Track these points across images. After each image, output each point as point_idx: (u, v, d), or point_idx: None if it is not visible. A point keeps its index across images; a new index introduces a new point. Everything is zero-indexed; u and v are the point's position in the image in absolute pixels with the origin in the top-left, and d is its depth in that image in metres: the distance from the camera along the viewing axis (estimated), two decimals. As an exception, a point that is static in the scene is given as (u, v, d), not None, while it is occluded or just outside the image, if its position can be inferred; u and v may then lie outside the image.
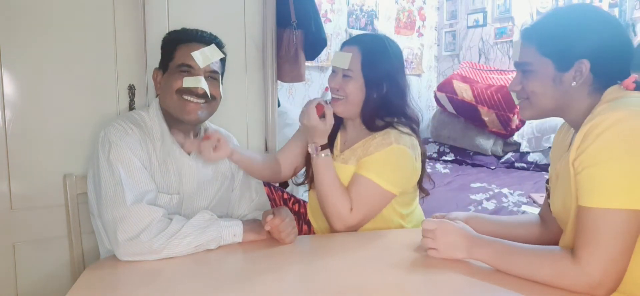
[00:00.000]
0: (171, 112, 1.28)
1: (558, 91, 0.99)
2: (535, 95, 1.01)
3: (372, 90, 1.41)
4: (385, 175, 1.35)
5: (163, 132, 1.29)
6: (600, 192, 0.86)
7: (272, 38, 1.87)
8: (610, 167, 0.85)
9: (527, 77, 1.02)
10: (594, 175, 0.87)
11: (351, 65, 1.40)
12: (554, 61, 0.98)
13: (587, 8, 1.03)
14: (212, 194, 1.37)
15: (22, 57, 1.41)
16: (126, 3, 1.55)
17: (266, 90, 1.88)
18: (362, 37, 1.50)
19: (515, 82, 1.06)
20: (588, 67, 0.95)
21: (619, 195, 0.84)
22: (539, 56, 0.99)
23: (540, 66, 0.99)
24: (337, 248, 1.22)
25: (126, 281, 1.05)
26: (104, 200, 1.16)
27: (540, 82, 1.00)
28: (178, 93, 1.26)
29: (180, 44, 1.28)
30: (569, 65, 0.96)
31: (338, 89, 1.42)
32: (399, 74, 1.44)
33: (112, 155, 1.17)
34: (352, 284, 1.00)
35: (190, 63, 1.26)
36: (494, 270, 1.01)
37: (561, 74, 0.98)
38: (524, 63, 1.02)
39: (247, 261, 1.17)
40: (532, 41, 1.01)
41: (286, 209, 1.28)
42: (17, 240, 1.44)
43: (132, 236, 1.11)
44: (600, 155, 0.86)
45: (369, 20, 4.11)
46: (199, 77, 1.25)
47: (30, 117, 1.43)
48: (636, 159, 0.83)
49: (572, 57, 0.96)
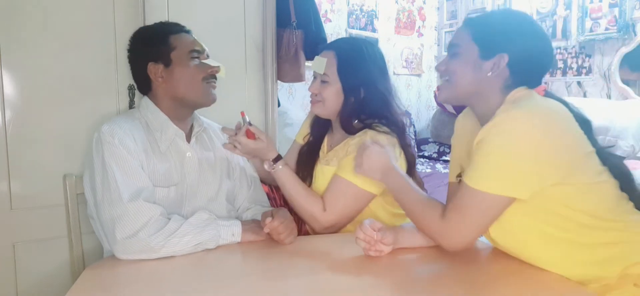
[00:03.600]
0: (192, 99, 1.31)
1: (475, 76, 1.08)
2: (455, 75, 1.10)
3: (349, 95, 1.41)
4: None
5: (162, 123, 1.30)
6: (478, 175, 1.00)
7: (272, 38, 1.87)
8: (487, 157, 0.99)
9: (452, 58, 1.11)
10: (476, 160, 1.01)
11: (327, 70, 1.41)
12: (480, 48, 1.07)
13: (525, 16, 1.16)
14: (216, 183, 1.37)
15: (22, 57, 1.41)
16: (126, 3, 1.55)
17: (266, 90, 1.88)
18: (339, 41, 1.51)
19: (442, 62, 1.15)
20: (505, 62, 1.05)
21: (487, 181, 0.99)
22: (469, 40, 1.09)
23: (467, 49, 1.09)
24: (336, 249, 1.22)
25: (126, 281, 1.05)
26: (101, 200, 1.16)
27: (463, 64, 1.09)
28: (204, 80, 1.30)
29: (170, 35, 1.30)
30: (491, 55, 1.06)
31: (316, 94, 1.44)
32: (378, 79, 1.43)
33: (106, 155, 1.18)
34: (352, 284, 1.00)
35: (198, 48, 1.31)
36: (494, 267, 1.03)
37: (482, 62, 1.07)
38: (455, 45, 1.11)
39: (247, 261, 1.17)
40: (468, 27, 1.11)
41: (285, 210, 1.28)
42: (17, 240, 1.44)
43: (130, 234, 1.11)
44: (486, 145, 0.99)
45: (369, 20, 4.11)
46: (211, 59, 1.33)
47: (30, 117, 1.43)
48: (506, 153, 0.97)
49: (495, 49, 1.05)
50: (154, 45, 1.30)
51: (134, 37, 1.35)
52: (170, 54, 1.28)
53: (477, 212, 1.01)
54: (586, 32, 3.52)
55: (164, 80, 1.29)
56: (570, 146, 0.99)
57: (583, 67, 3.58)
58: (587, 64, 3.56)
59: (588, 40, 3.52)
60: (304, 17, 2.05)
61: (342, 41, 1.54)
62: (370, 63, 1.42)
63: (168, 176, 1.27)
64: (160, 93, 1.31)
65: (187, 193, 1.31)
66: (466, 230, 1.02)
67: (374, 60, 1.44)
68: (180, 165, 1.31)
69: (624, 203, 1.04)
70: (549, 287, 0.98)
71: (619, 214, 1.02)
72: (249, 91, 1.85)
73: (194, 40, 1.33)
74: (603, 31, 3.43)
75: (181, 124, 1.33)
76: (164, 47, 1.29)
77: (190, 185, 1.31)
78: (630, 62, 3.34)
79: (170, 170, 1.28)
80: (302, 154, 1.59)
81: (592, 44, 3.52)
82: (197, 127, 1.39)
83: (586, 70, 3.57)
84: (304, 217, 1.40)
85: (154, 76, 1.29)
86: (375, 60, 1.45)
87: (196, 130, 1.38)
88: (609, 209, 1.02)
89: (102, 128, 1.22)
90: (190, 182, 1.31)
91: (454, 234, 1.03)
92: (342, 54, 1.42)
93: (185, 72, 1.28)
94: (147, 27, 1.39)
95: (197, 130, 1.38)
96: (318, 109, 1.46)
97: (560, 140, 0.98)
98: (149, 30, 1.35)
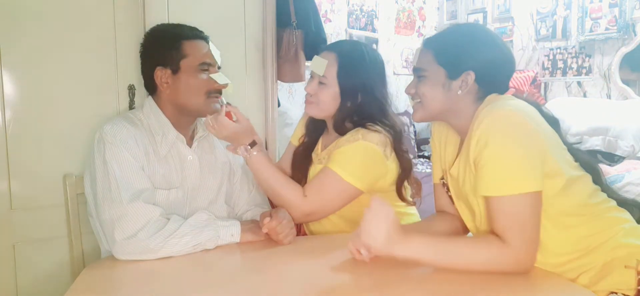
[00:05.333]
0: (194, 110, 1.30)
1: (446, 96, 1.11)
2: (426, 98, 1.13)
3: (346, 99, 1.39)
4: (348, 168, 1.32)
5: (163, 126, 1.29)
6: (503, 182, 0.98)
7: (272, 38, 1.87)
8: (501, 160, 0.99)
9: (421, 81, 1.14)
10: (494, 169, 0.99)
11: (326, 72, 1.38)
12: (446, 69, 1.11)
13: (481, 28, 1.23)
14: (216, 187, 1.37)
15: (22, 57, 1.41)
16: (126, 3, 1.55)
17: (266, 90, 1.88)
18: (342, 43, 1.48)
19: (410, 85, 1.17)
20: (473, 78, 1.09)
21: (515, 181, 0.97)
22: (435, 63, 1.12)
23: (433, 73, 1.12)
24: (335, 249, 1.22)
25: (124, 281, 1.05)
26: (101, 200, 1.16)
27: (431, 86, 1.12)
28: (207, 94, 1.28)
29: (182, 40, 1.28)
30: (458, 75, 1.10)
31: (312, 95, 1.41)
32: (376, 85, 1.40)
33: (108, 155, 1.18)
34: (351, 284, 1.00)
35: (209, 61, 1.29)
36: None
37: (450, 82, 1.10)
38: (421, 68, 1.14)
39: (246, 261, 1.17)
40: (430, 49, 1.14)
41: (284, 210, 1.28)
42: (17, 240, 1.44)
43: (129, 235, 1.11)
44: (493, 151, 0.99)
45: (369, 20, 4.12)
46: (221, 74, 1.30)
47: (30, 117, 1.43)
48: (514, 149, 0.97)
49: (460, 68, 1.09)
50: (165, 49, 1.27)
51: (148, 35, 1.33)
52: (180, 62, 1.27)
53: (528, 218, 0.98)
54: (586, 32, 3.53)
55: (169, 86, 1.28)
56: (549, 137, 1.04)
57: (583, 67, 3.58)
58: (587, 64, 3.56)
59: (588, 40, 3.52)
60: (304, 17, 2.05)
61: (344, 43, 1.51)
62: (370, 69, 1.40)
63: (169, 178, 1.27)
64: (164, 98, 1.30)
65: (187, 196, 1.31)
66: (531, 244, 0.99)
67: (374, 67, 1.42)
68: (181, 168, 1.30)
69: (599, 193, 1.09)
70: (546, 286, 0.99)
71: (598, 204, 1.07)
72: (249, 91, 1.85)
73: (207, 51, 1.30)
74: (603, 31, 3.43)
75: (183, 129, 1.33)
76: (175, 53, 1.27)
77: (191, 188, 1.31)
78: (630, 62, 3.34)
79: (171, 172, 1.28)
80: (297, 155, 1.56)
81: (592, 44, 3.52)
82: (200, 131, 1.39)
83: (586, 70, 3.57)
84: (281, 204, 1.34)
85: (159, 81, 1.28)
86: (375, 66, 1.43)
87: (199, 134, 1.38)
88: (590, 200, 1.06)
89: (104, 128, 1.21)
90: (191, 185, 1.31)
91: (520, 251, 0.98)
92: (343, 58, 1.39)
93: (191, 83, 1.27)
94: (162, 28, 1.36)
95: (199, 134, 1.38)
96: (312, 110, 1.43)
97: (539, 132, 1.02)
98: (163, 32, 1.33)
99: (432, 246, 1.02)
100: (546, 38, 3.80)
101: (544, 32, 3.82)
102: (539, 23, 3.86)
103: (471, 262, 1.00)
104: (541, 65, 3.84)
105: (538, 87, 3.85)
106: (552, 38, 3.76)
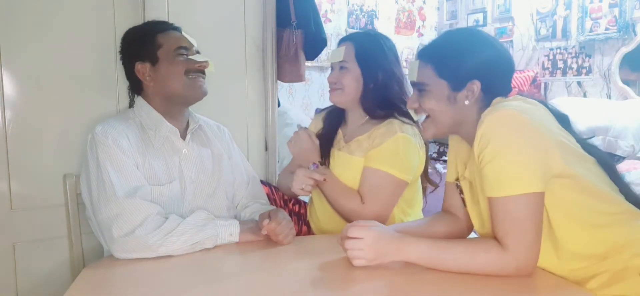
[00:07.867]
0: (179, 95, 1.30)
1: (452, 109, 1.09)
2: (435, 113, 1.11)
3: (368, 79, 1.46)
4: (395, 164, 1.38)
5: (155, 121, 1.30)
6: (503, 182, 0.96)
7: (272, 38, 1.87)
8: (502, 160, 0.96)
9: (423, 95, 1.11)
10: (494, 169, 0.97)
11: (346, 57, 1.46)
12: (449, 82, 1.08)
13: (474, 32, 1.18)
14: (214, 180, 1.37)
15: (22, 57, 1.41)
16: (126, 3, 1.55)
17: (266, 90, 1.88)
18: (355, 33, 1.59)
19: (412, 99, 1.15)
20: (479, 87, 1.06)
21: (515, 182, 0.95)
22: (436, 77, 1.09)
23: (436, 86, 1.09)
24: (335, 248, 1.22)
25: (124, 281, 1.05)
26: (97, 200, 1.16)
27: (436, 100, 1.10)
28: (186, 74, 1.29)
29: (156, 34, 1.31)
30: (462, 86, 1.07)
31: (335, 82, 1.48)
32: (393, 64, 1.49)
33: (101, 155, 1.18)
34: (351, 284, 1.00)
35: (185, 45, 1.31)
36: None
37: (455, 94, 1.08)
38: (421, 83, 1.11)
39: (245, 261, 1.17)
40: (428, 62, 1.10)
41: (283, 211, 1.28)
42: (17, 240, 1.44)
43: (127, 232, 1.11)
44: (494, 151, 0.97)
45: (369, 20, 4.12)
46: (200, 54, 1.32)
47: (30, 117, 1.43)
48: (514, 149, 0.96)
49: (464, 79, 1.07)
50: (141, 45, 1.31)
51: (123, 38, 1.36)
52: (157, 52, 1.29)
53: (529, 220, 0.96)
54: (586, 32, 3.52)
55: (152, 79, 1.30)
56: (556, 136, 1.01)
57: (583, 67, 3.58)
58: (587, 64, 3.56)
59: (588, 40, 3.52)
60: (304, 17, 2.05)
61: (357, 33, 1.63)
62: (385, 49, 1.49)
63: (165, 173, 1.27)
64: (151, 92, 1.32)
65: (185, 190, 1.31)
66: (532, 247, 0.97)
67: (389, 48, 1.51)
68: (176, 162, 1.31)
69: (616, 195, 1.04)
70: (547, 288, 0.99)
71: (617, 206, 1.03)
72: (249, 91, 1.84)
73: (180, 36, 1.33)
74: (603, 31, 3.43)
75: (175, 122, 1.34)
76: (151, 46, 1.30)
77: (188, 182, 1.31)
78: (630, 62, 3.34)
79: (167, 167, 1.28)
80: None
81: (592, 43, 3.52)
82: (193, 124, 1.39)
83: (586, 70, 3.56)
84: (343, 215, 1.41)
85: (141, 76, 1.31)
86: (390, 48, 1.51)
87: (191, 127, 1.38)
88: (608, 203, 1.02)
89: (95, 129, 1.23)
90: (187, 179, 1.32)
91: (520, 254, 0.96)
92: (359, 42, 1.48)
93: (170, 69, 1.29)
94: (134, 27, 1.39)
95: (192, 127, 1.38)
96: (337, 97, 1.49)
97: (542, 132, 0.99)
98: (136, 30, 1.36)
99: (427, 250, 1.03)
100: (546, 38, 3.80)
101: (544, 32, 3.82)
102: (539, 23, 3.85)
103: (469, 266, 1.00)
104: (541, 65, 3.84)
105: (538, 87, 3.85)
106: (552, 38, 3.76)
